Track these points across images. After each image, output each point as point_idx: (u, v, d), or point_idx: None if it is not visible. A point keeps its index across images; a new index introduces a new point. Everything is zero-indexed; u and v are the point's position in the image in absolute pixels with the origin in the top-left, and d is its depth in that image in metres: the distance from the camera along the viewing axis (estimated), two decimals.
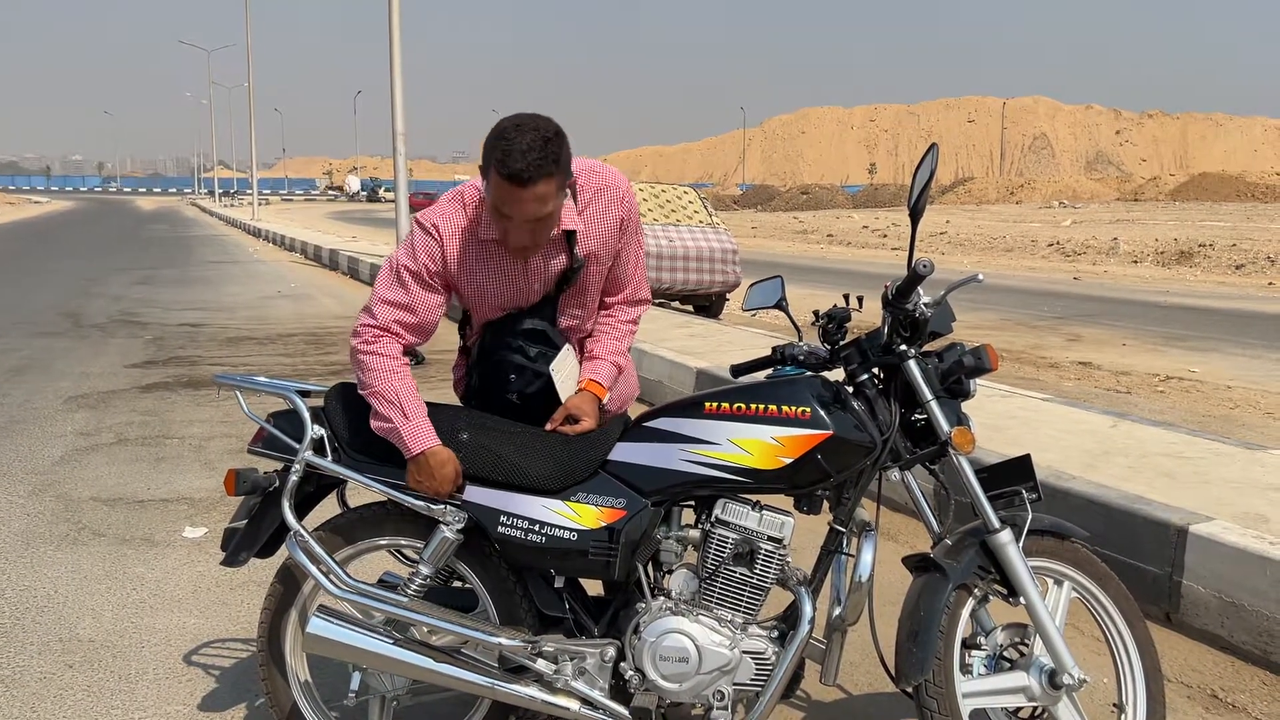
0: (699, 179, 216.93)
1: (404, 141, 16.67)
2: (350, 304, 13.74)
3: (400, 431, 2.30)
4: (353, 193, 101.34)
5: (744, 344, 8.09)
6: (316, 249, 22.23)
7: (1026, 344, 10.49)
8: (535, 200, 2.20)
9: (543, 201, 2.22)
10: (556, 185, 2.23)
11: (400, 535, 2.47)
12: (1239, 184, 56.85)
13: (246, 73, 41.52)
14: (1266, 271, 19.17)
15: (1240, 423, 6.84)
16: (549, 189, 2.21)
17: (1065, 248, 24.70)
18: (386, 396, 2.32)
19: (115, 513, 4.70)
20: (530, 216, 2.24)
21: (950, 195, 67.98)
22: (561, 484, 2.35)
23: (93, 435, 6.16)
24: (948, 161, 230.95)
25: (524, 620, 2.43)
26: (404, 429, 2.30)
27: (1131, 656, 2.47)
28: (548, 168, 2.18)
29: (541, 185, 2.19)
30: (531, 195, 2.19)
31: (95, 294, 14.46)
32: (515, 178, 2.17)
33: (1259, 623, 3.26)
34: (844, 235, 32.57)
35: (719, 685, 2.33)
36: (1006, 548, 2.32)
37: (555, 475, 2.35)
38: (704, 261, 11.70)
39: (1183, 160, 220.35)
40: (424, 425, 2.32)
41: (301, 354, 9.41)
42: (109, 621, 3.52)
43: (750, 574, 2.35)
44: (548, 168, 2.18)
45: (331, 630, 2.34)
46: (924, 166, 2.27)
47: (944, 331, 2.40)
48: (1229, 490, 3.99)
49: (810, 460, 2.27)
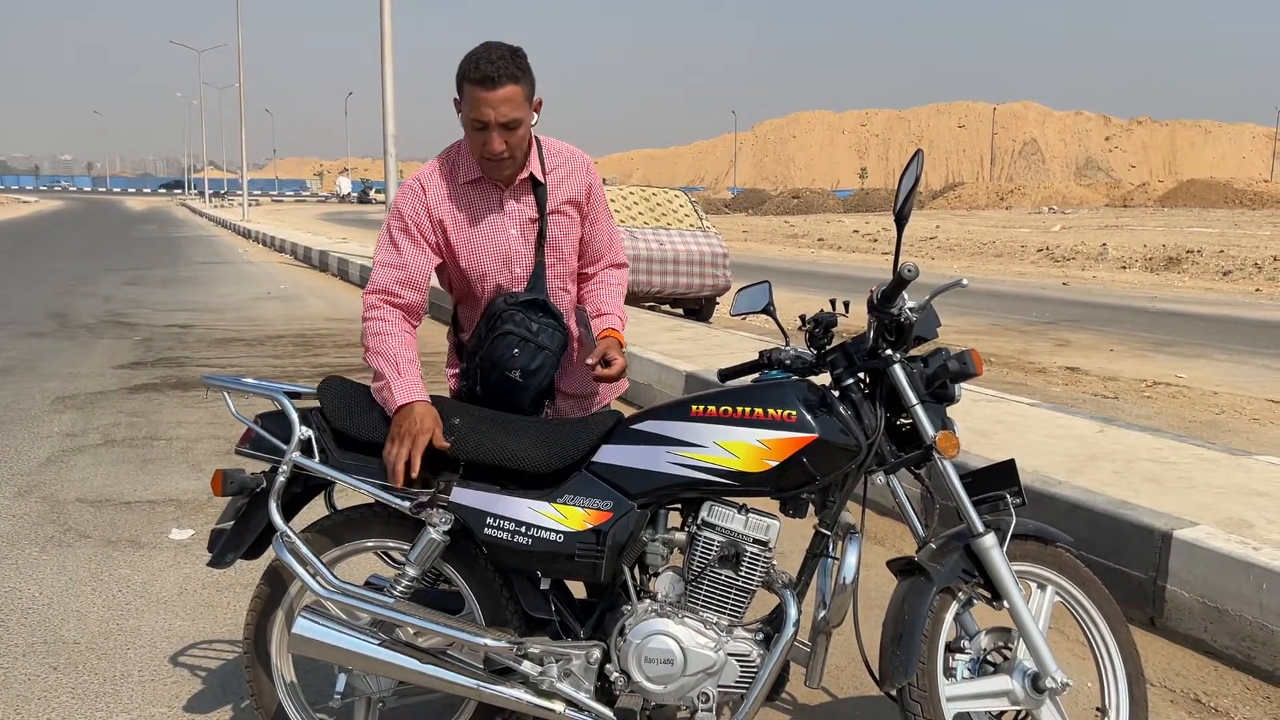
0: (690, 182, 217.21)
1: (395, 143, 16.66)
2: (340, 306, 13.72)
3: (390, 386, 2.40)
4: (343, 194, 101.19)
5: (733, 347, 8.11)
6: (306, 250, 22.18)
7: (1015, 349, 10.53)
8: (505, 102, 2.41)
9: (513, 105, 2.42)
10: (523, 93, 2.44)
11: (387, 537, 2.47)
12: (1227, 190, 57.22)
13: (237, 73, 41.42)
14: (1254, 278, 19.29)
15: (1226, 428, 6.88)
16: (516, 93, 2.42)
17: (1054, 253, 24.81)
18: (384, 355, 2.46)
19: (101, 514, 4.68)
20: (504, 119, 2.42)
21: (940, 200, 68.22)
22: (553, 465, 2.37)
23: (79, 436, 6.14)
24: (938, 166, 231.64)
25: (510, 622, 2.43)
26: (394, 383, 2.40)
27: (1114, 660, 2.49)
28: (513, 72, 2.41)
29: (509, 87, 2.41)
30: (501, 97, 2.40)
31: (83, 294, 14.40)
32: (485, 81, 2.39)
33: (1242, 627, 3.28)
34: (834, 239, 32.66)
35: (704, 687, 2.34)
36: (990, 552, 2.33)
37: (548, 457, 2.37)
38: (694, 265, 11.72)
39: (1171, 166, 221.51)
40: (414, 381, 2.42)
41: (290, 356, 9.39)
42: (94, 623, 3.51)
43: (736, 576, 2.35)
44: (513, 72, 2.41)
45: (317, 631, 2.34)
46: (909, 172, 2.28)
47: (929, 336, 2.41)
48: (1214, 495, 4.01)
49: (796, 463, 2.28)
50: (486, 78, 2.39)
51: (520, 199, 2.64)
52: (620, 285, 2.86)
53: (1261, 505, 3.89)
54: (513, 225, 2.63)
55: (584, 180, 2.71)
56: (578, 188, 2.70)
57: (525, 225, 2.64)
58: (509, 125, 2.45)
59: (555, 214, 2.66)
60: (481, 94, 2.41)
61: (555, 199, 2.66)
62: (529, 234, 2.65)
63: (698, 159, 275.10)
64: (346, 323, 11.88)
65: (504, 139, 2.46)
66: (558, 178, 2.67)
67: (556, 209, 2.66)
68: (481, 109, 2.42)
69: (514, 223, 2.63)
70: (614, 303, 2.79)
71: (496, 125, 2.44)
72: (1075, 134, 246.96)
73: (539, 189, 2.64)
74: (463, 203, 2.61)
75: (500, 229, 2.63)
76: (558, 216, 2.67)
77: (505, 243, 2.63)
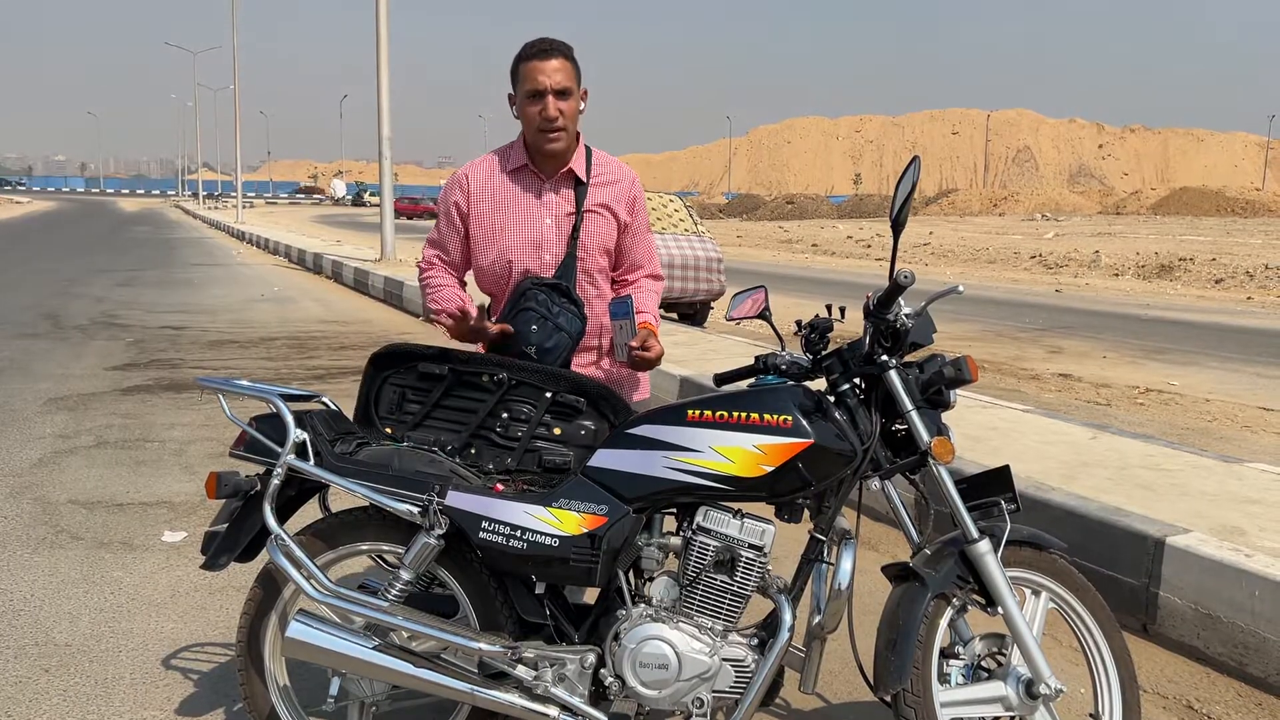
0: (685, 188, 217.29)
1: (389, 146, 16.67)
2: (334, 308, 13.71)
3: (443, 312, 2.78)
4: (338, 197, 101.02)
5: (728, 352, 8.11)
6: (300, 252, 22.15)
7: (1008, 355, 10.56)
8: (559, 71, 2.66)
9: (565, 74, 2.67)
10: (574, 71, 2.70)
11: (381, 540, 2.47)
12: (1219, 199, 57.48)
13: (232, 75, 41.39)
14: (1245, 286, 19.36)
15: (1218, 435, 6.91)
16: (568, 66, 2.68)
17: (1047, 260, 24.87)
18: (437, 297, 2.86)
19: (94, 516, 4.67)
20: (558, 86, 2.66)
21: (934, 207, 68.39)
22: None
23: (72, 438, 6.12)
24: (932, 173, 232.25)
25: (504, 626, 2.43)
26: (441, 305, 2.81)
27: (1108, 667, 2.49)
28: (566, 51, 2.70)
29: (560, 59, 2.67)
30: (555, 66, 2.66)
31: (76, 295, 14.36)
32: (541, 54, 2.66)
33: (1234, 634, 3.29)
34: (829, 245, 32.70)
35: (698, 692, 2.34)
36: (985, 558, 2.33)
37: None
38: (689, 270, 11.72)
39: (1164, 175, 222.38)
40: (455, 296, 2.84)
41: (284, 358, 9.37)
42: (86, 626, 3.49)
43: (731, 581, 2.35)
44: (566, 51, 2.70)
45: (311, 635, 2.34)
46: (906, 179, 2.29)
47: (925, 342, 2.42)
48: (1206, 503, 4.03)
49: (791, 468, 2.28)
50: (542, 50, 2.66)
51: (559, 192, 2.80)
52: (656, 293, 3.00)
53: (1254, 512, 3.90)
54: (548, 215, 2.79)
55: (627, 193, 2.87)
56: (619, 197, 2.85)
57: (561, 218, 2.80)
58: (562, 93, 2.67)
59: (590, 212, 2.81)
60: (538, 63, 2.65)
61: (593, 199, 2.81)
62: (564, 226, 2.80)
63: (692, 164, 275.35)
64: (340, 325, 11.87)
65: (558, 106, 2.67)
66: (601, 182, 2.84)
67: (592, 208, 2.81)
68: (538, 76, 2.65)
69: (549, 213, 2.80)
70: (650, 305, 2.93)
71: (551, 91, 2.65)
72: (1069, 141, 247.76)
73: (580, 187, 2.80)
74: (504, 188, 2.81)
75: (536, 216, 2.79)
76: (593, 215, 2.81)
77: (539, 230, 2.79)
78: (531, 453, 2.51)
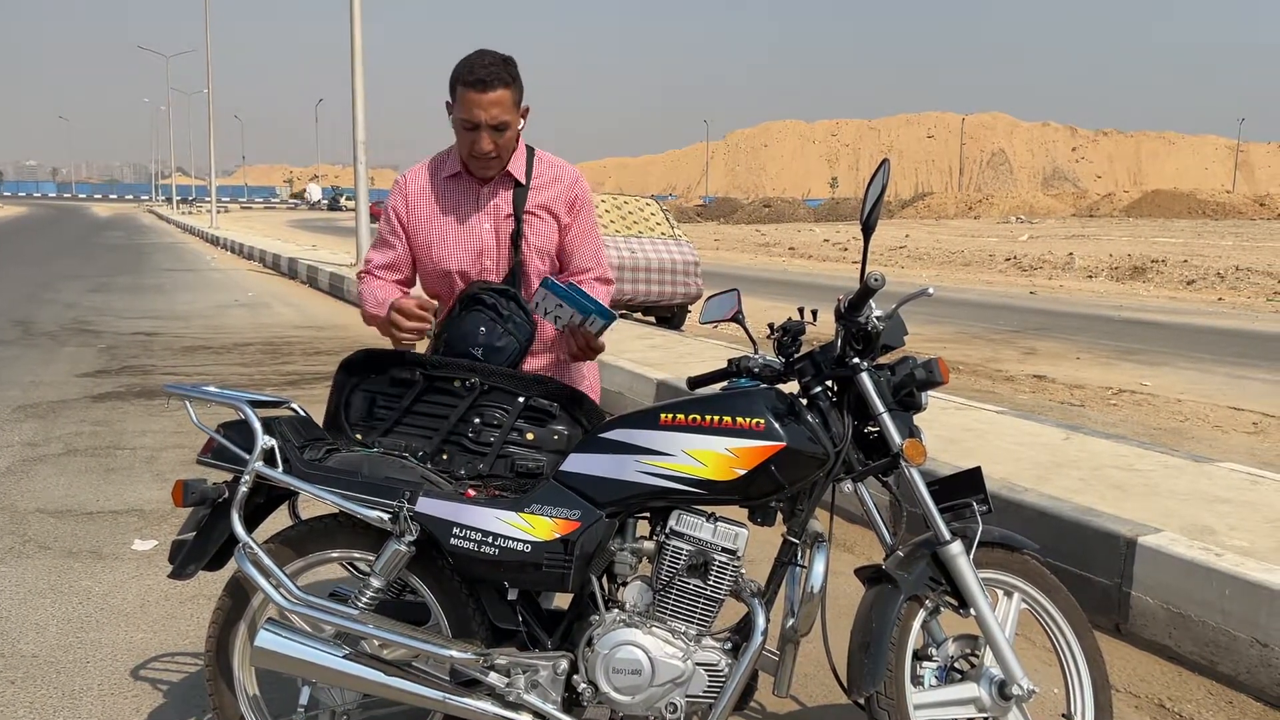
0: (662, 191, 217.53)
1: (365, 150, 16.58)
2: (309, 314, 13.61)
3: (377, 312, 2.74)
4: (314, 201, 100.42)
5: (705, 355, 8.11)
6: (275, 257, 22.00)
7: (983, 356, 10.62)
8: (495, 105, 2.58)
9: (502, 108, 2.59)
10: (513, 99, 2.62)
11: (352, 548, 2.44)
12: (1190, 201, 58.14)
13: (206, 79, 41.07)
14: (1216, 287, 19.57)
15: (1190, 435, 6.97)
16: (506, 97, 2.60)
17: (1022, 262, 25.05)
18: (368, 300, 2.80)
19: (62, 525, 4.61)
20: (494, 121, 2.59)
21: (910, 209, 68.78)
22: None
23: (41, 446, 6.04)
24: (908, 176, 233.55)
25: (476, 633, 2.41)
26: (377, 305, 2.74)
27: (1080, 667, 2.50)
28: (505, 78, 2.60)
29: (500, 91, 2.58)
30: (491, 100, 2.58)
31: (47, 301, 14.19)
32: (478, 84, 2.56)
33: (1205, 633, 3.32)
34: (805, 248, 32.81)
35: (672, 697, 2.33)
36: (957, 559, 2.34)
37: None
38: (666, 273, 11.72)
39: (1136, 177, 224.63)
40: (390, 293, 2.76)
41: (258, 364, 9.30)
42: (53, 636, 3.44)
43: (704, 585, 2.35)
44: (505, 78, 2.60)
45: (281, 644, 2.31)
46: (876, 182, 2.29)
47: (896, 344, 2.42)
48: (1177, 502, 4.06)
49: (764, 471, 2.28)
50: (480, 81, 2.57)
51: (497, 195, 2.76)
52: (605, 295, 2.91)
53: (1224, 512, 3.93)
54: (487, 219, 2.76)
55: (568, 192, 2.81)
56: (558, 196, 2.80)
57: (500, 221, 2.76)
58: (498, 127, 2.61)
59: (530, 215, 2.76)
60: (474, 96, 2.57)
61: (532, 201, 2.77)
62: (503, 231, 2.76)
63: (670, 167, 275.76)
64: (315, 330, 11.79)
65: (492, 140, 2.62)
66: (540, 183, 2.79)
67: (532, 210, 2.76)
68: (473, 110, 2.58)
69: (488, 217, 2.76)
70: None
71: (486, 126, 2.60)
72: (1042, 144, 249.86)
73: (519, 190, 2.76)
74: (441, 195, 2.78)
75: (475, 222, 2.76)
76: (532, 218, 2.76)
77: (478, 235, 2.75)
78: (504, 458, 2.49)
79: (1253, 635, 3.18)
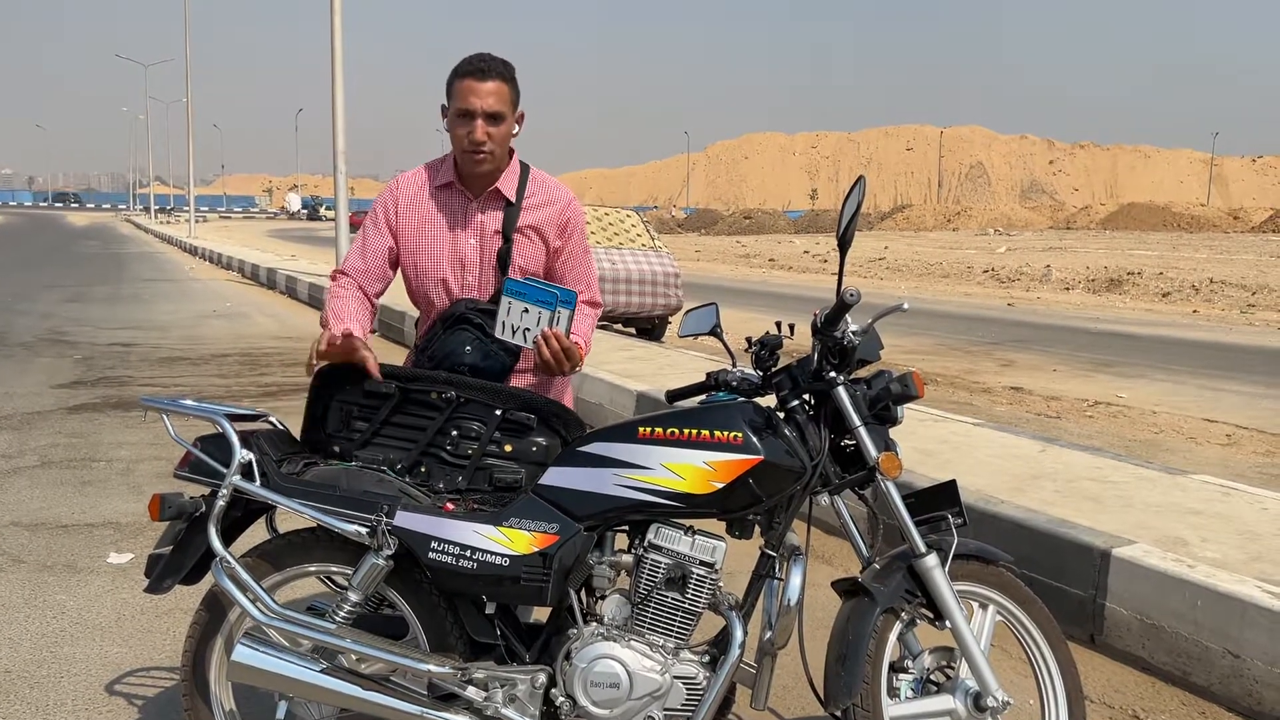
0: (643, 202, 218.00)
1: (345, 160, 16.52)
2: (288, 324, 13.55)
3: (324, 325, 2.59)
4: (293, 211, 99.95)
5: (685, 367, 8.13)
6: (254, 267, 21.90)
7: (961, 369, 10.69)
8: (492, 94, 2.59)
9: (499, 98, 2.60)
10: (509, 94, 2.63)
11: (329, 561, 2.44)
12: (1166, 214, 58.78)
13: (185, 88, 40.89)
14: (1191, 300, 19.77)
15: (1164, 447, 7.04)
16: (504, 89, 2.61)
17: (1000, 274, 25.24)
18: (334, 310, 2.65)
19: (37, 538, 4.57)
20: (490, 109, 2.59)
21: (889, 221, 69.15)
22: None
23: (15, 458, 5.99)
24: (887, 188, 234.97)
25: (455, 647, 2.40)
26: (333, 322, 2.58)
27: (1054, 678, 2.52)
28: (503, 72, 2.62)
29: (496, 82, 2.60)
30: (489, 89, 2.58)
31: (22, 311, 14.07)
32: (477, 73, 2.58)
33: (1178, 644, 3.35)
34: (785, 260, 32.94)
35: (650, 711, 2.33)
36: (932, 572, 2.36)
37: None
38: (646, 285, 11.75)
39: (1113, 190, 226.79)
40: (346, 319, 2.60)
41: (236, 375, 9.25)
42: (27, 651, 3.41)
43: (682, 599, 2.35)
44: (503, 72, 2.62)
45: (257, 658, 2.30)
46: (852, 197, 2.32)
47: (872, 358, 2.45)
48: (1151, 514, 4.10)
49: (742, 485, 2.29)
50: (478, 70, 2.59)
51: (486, 211, 2.74)
52: (592, 317, 2.88)
53: (1197, 523, 3.98)
54: (473, 235, 2.73)
55: (560, 215, 2.78)
56: (549, 219, 2.77)
57: (487, 238, 2.73)
58: (494, 116, 2.60)
59: (518, 234, 2.73)
60: (471, 83, 2.58)
61: (523, 221, 2.74)
62: (489, 248, 2.73)
63: (651, 179, 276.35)
64: (294, 341, 11.73)
65: (486, 130, 2.60)
66: (532, 203, 2.76)
67: (521, 230, 2.73)
68: (470, 98, 2.58)
69: (474, 233, 2.73)
70: (582, 327, 2.77)
71: (482, 114, 2.59)
72: (1020, 157, 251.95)
73: (510, 209, 2.73)
74: (431, 204, 2.76)
75: (460, 235, 2.73)
76: (520, 238, 2.74)
77: (462, 248, 2.73)
78: (482, 470, 2.49)
79: (1225, 646, 3.22)
